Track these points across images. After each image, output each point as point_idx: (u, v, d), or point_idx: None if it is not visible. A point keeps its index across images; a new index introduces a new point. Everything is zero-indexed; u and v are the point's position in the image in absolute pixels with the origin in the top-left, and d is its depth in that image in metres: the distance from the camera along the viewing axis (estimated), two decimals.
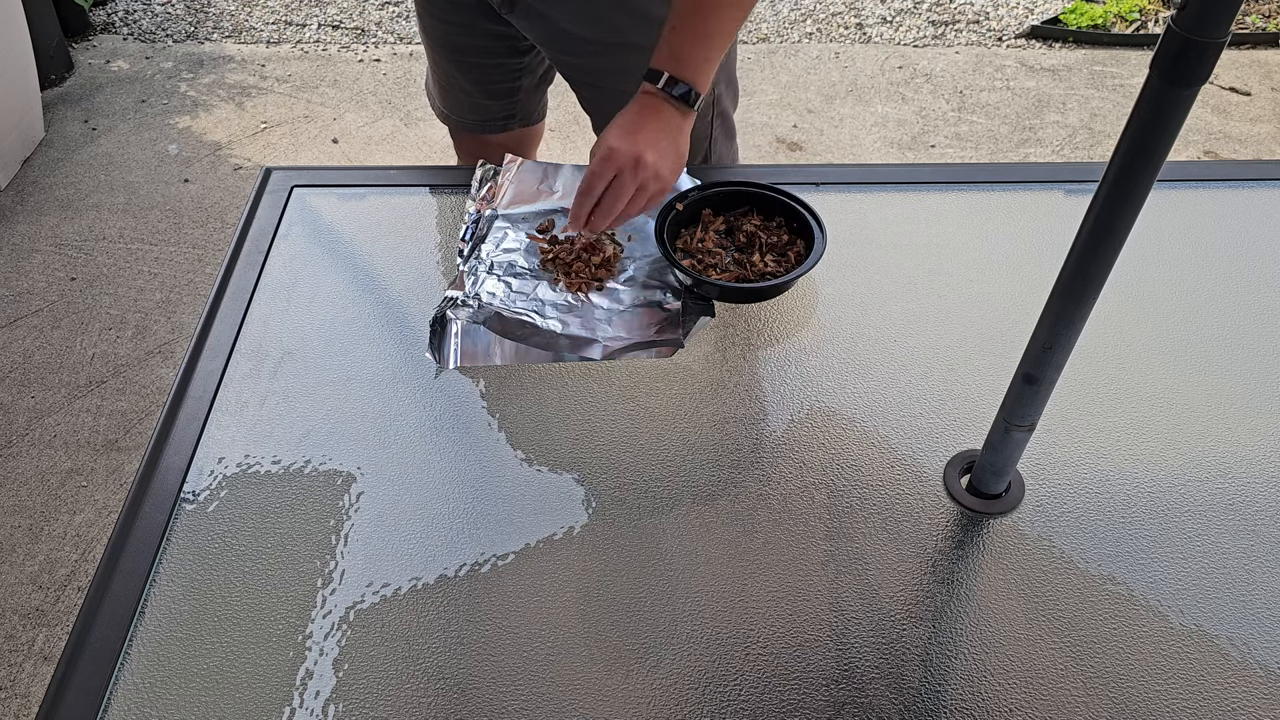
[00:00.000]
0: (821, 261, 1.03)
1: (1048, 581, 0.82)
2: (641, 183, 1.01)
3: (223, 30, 3.23)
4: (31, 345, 2.15)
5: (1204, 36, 0.55)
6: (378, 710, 0.74)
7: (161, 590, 0.81)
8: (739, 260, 1.07)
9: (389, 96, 2.94)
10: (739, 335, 1.03)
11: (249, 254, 1.12)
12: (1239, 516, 0.87)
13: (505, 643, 0.78)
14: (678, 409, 0.96)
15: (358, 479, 0.89)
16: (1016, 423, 0.80)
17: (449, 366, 0.99)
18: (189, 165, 2.67)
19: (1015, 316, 1.02)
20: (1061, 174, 1.29)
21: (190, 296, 2.28)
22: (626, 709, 0.74)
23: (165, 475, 0.89)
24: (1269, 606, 0.80)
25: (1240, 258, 1.13)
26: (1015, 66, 3.09)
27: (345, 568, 0.82)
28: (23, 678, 1.59)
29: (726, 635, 0.78)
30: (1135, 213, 0.64)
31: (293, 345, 1.02)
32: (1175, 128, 0.60)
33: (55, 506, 1.84)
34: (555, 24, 1.21)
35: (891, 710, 0.74)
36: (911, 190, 1.21)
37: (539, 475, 0.90)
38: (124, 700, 0.74)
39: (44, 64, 2.80)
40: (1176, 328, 1.04)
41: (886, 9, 3.34)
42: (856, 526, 0.86)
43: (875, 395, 0.97)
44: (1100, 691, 0.75)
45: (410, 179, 1.26)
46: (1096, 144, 2.77)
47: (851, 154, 2.72)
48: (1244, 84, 3.00)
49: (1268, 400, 0.97)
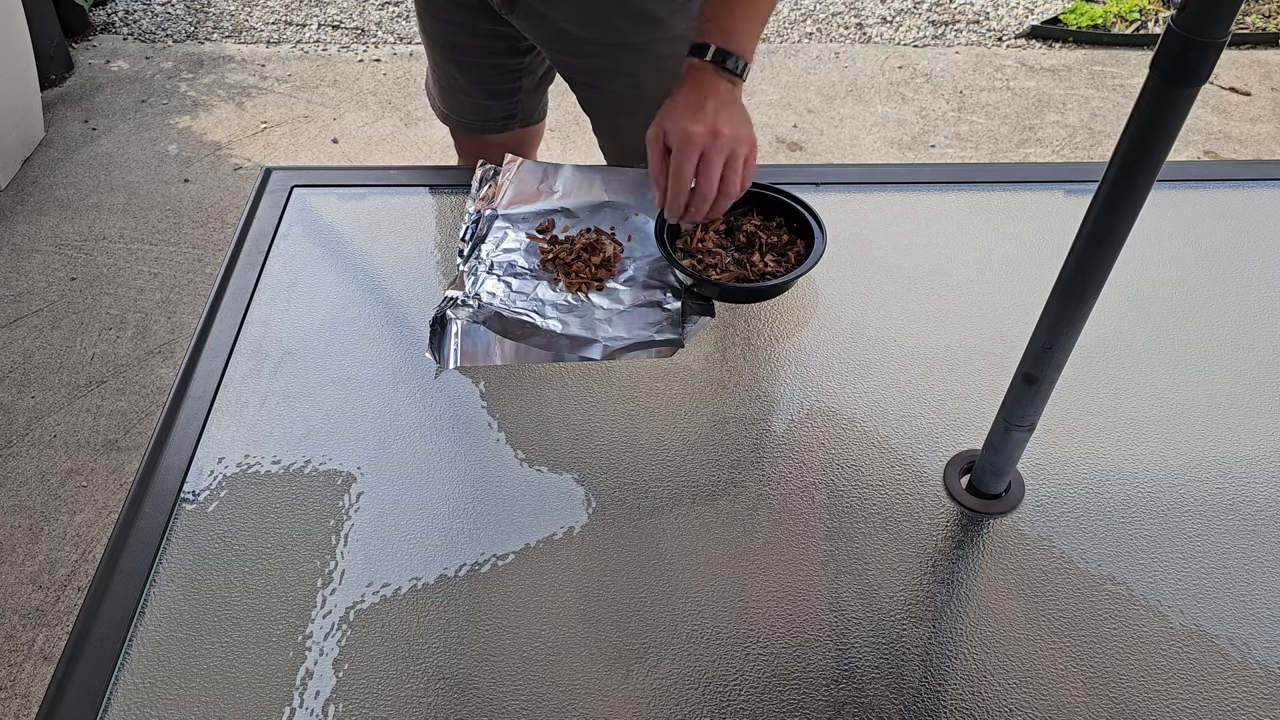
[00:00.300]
0: (821, 261, 1.03)
1: (1048, 581, 0.82)
2: (731, 153, 0.99)
3: (223, 30, 3.24)
4: (31, 345, 2.15)
5: (1204, 36, 0.55)
6: (378, 710, 0.74)
7: (161, 590, 0.81)
8: (739, 260, 1.07)
9: (389, 96, 2.94)
10: (739, 335, 1.03)
11: (249, 254, 1.12)
12: (1239, 516, 0.87)
13: (505, 643, 0.78)
14: (678, 409, 0.96)
15: (358, 479, 0.89)
16: (1016, 423, 0.80)
17: (449, 366, 0.99)
18: (189, 165, 2.67)
19: (1015, 316, 1.02)
20: (1061, 174, 1.29)
21: (190, 296, 2.28)
22: (626, 709, 0.74)
23: (165, 475, 0.89)
24: (1269, 606, 0.80)
25: (1240, 258, 1.13)
26: (1015, 66, 3.09)
27: (345, 568, 0.82)
28: (23, 678, 1.59)
29: (726, 635, 0.78)
30: (1135, 213, 0.64)
31: (293, 345, 1.02)
32: (1175, 128, 0.60)
33: (55, 506, 1.84)
34: (555, 24, 1.21)
35: (891, 710, 0.74)
36: (911, 190, 1.21)
37: (539, 475, 0.90)
38: (124, 700, 0.74)
39: (44, 64, 2.81)
40: (1176, 328, 1.04)
41: (886, 9, 3.34)
42: (856, 526, 0.86)
43: (875, 395, 0.97)
44: (1100, 691, 0.75)
45: (410, 179, 1.26)
46: (1096, 144, 2.77)
47: (851, 154, 2.72)
48: (1244, 84, 3.00)
49: (1268, 400, 0.97)
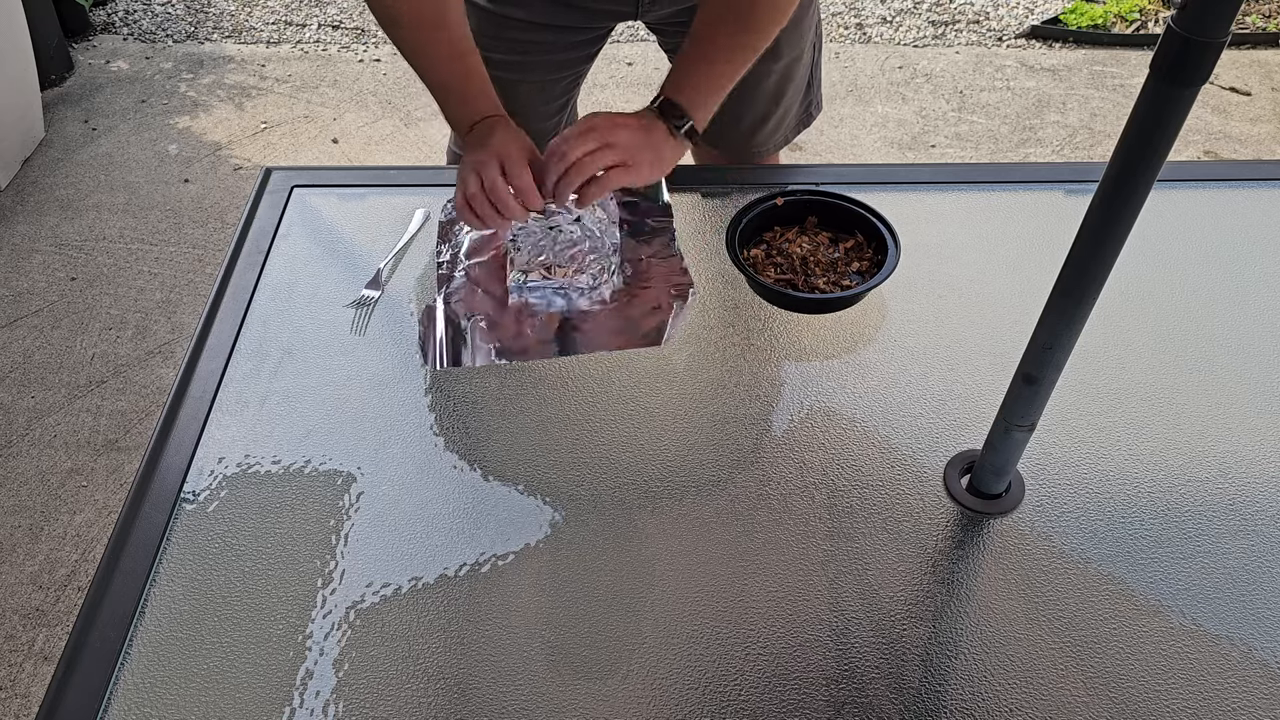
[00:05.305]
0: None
1: (1048, 581, 0.82)
2: (612, 146, 0.98)
3: (223, 30, 3.23)
4: (31, 345, 2.15)
5: (1204, 36, 0.55)
6: (378, 710, 0.74)
7: (161, 590, 0.81)
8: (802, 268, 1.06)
9: (389, 96, 2.94)
10: (739, 335, 1.03)
11: (249, 254, 1.12)
12: (1239, 516, 0.87)
13: (505, 643, 0.78)
14: (678, 409, 0.96)
15: (358, 479, 0.89)
16: (1016, 423, 0.80)
17: (438, 367, 0.99)
18: (189, 165, 2.67)
19: (1015, 316, 1.02)
20: (1061, 174, 1.29)
21: (190, 296, 2.28)
22: (626, 709, 0.74)
23: (165, 475, 0.89)
24: (1269, 606, 0.80)
25: (1240, 258, 1.13)
26: (1015, 66, 3.09)
27: (345, 568, 0.82)
28: (23, 678, 1.59)
29: (726, 635, 0.78)
30: (1135, 213, 0.64)
31: (293, 345, 1.02)
32: (1175, 128, 0.60)
33: (55, 506, 1.84)
34: None
35: (891, 710, 0.74)
36: (911, 190, 1.21)
37: (539, 475, 0.90)
38: (124, 700, 0.74)
39: (44, 64, 2.80)
40: (1176, 328, 1.04)
41: (886, 9, 3.34)
42: (856, 526, 0.86)
43: (875, 395, 0.97)
44: (1100, 691, 0.75)
45: (410, 179, 1.26)
46: (1096, 144, 2.77)
47: (851, 154, 2.72)
48: (1244, 84, 3.00)
49: (1268, 400, 0.97)
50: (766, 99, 1.32)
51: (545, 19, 1.23)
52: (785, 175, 1.32)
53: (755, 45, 1.03)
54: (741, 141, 1.37)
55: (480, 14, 1.22)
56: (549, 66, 1.31)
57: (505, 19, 1.23)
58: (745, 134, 1.36)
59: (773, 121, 1.36)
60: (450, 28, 1.03)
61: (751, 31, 1.02)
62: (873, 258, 1.06)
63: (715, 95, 1.04)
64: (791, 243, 1.07)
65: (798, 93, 1.36)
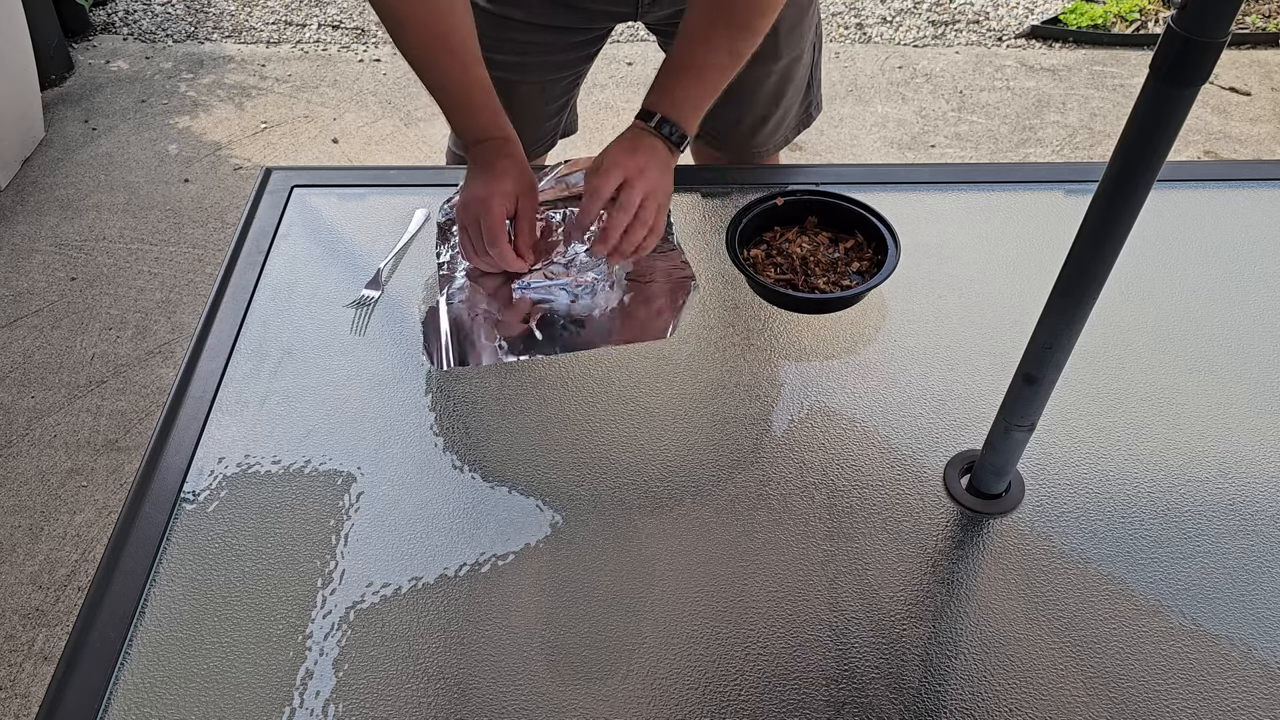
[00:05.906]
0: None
1: (1048, 581, 0.82)
2: (646, 193, 1.00)
3: (223, 30, 3.23)
4: (31, 345, 2.15)
5: (1204, 36, 0.55)
6: (378, 710, 0.74)
7: (161, 590, 0.81)
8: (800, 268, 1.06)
9: (389, 96, 2.94)
10: (739, 335, 1.03)
11: (249, 254, 1.12)
12: (1239, 516, 0.87)
13: (505, 643, 0.78)
14: (678, 409, 0.96)
15: (358, 479, 0.89)
16: (1016, 423, 0.80)
17: (444, 367, 0.99)
18: (189, 165, 2.67)
19: (1015, 316, 1.02)
20: (1061, 174, 1.29)
21: (190, 296, 2.28)
22: (626, 709, 0.74)
23: (165, 475, 0.89)
24: (1269, 606, 0.80)
25: (1240, 258, 1.13)
26: (1015, 66, 3.09)
27: (345, 568, 0.82)
28: (23, 678, 1.59)
29: (726, 635, 0.78)
30: (1135, 213, 0.64)
31: (293, 345, 1.02)
32: (1175, 128, 0.60)
33: (55, 506, 1.84)
34: None
35: (891, 710, 0.74)
36: (911, 190, 1.21)
37: (539, 475, 0.90)
38: (124, 700, 0.74)
39: (44, 64, 2.80)
40: (1176, 328, 1.04)
41: (886, 9, 3.34)
42: (856, 526, 0.86)
43: (875, 395, 0.97)
44: (1100, 691, 0.75)
45: (410, 179, 1.26)
46: (1096, 144, 2.77)
47: (851, 154, 2.72)
48: (1244, 84, 3.00)
49: (1268, 400, 0.97)
50: (766, 100, 1.32)
51: (545, 20, 1.23)
52: (785, 175, 1.32)
53: (742, 51, 1.04)
54: (741, 142, 1.37)
55: (480, 15, 1.22)
56: (549, 67, 1.31)
57: (505, 20, 1.23)
58: (745, 134, 1.36)
59: (773, 122, 1.36)
60: (457, 33, 1.03)
61: (740, 36, 1.02)
62: (873, 258, 1.06)
63: (705, 103, 1.05)
64: (791, 243, 1.07)
65: (798, 93, 1.36)
